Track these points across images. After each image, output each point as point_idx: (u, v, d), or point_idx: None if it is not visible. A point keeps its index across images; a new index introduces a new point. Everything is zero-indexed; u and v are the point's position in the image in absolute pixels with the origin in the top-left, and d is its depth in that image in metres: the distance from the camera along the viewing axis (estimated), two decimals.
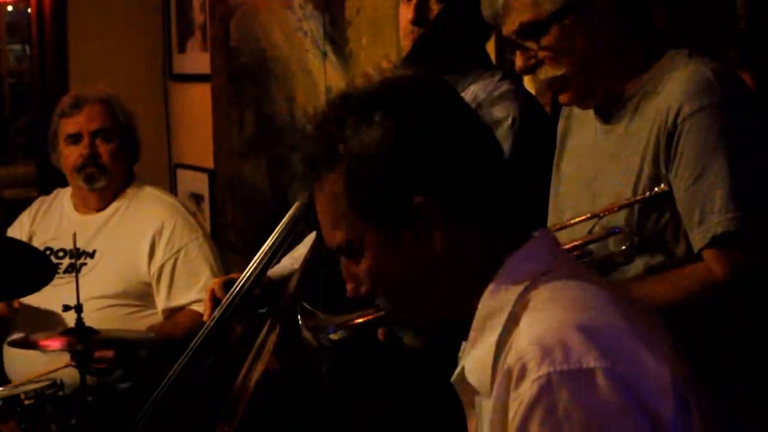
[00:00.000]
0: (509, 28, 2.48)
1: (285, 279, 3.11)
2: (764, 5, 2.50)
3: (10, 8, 6.70)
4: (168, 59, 6.16)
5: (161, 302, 4.15)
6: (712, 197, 2.31)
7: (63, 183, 4.41)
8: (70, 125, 4.25)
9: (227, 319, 2.99)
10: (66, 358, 3.74)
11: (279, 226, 3.01)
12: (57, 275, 3.94)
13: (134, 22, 6.14)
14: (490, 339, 1.73)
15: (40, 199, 4.54)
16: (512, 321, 1.71)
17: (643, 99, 2.44)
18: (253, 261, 3.01)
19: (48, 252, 4.17)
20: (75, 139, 4.22)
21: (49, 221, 4.39)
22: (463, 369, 1.80)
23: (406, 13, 3.04)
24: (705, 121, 2.32)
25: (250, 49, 5.30)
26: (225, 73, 5.53)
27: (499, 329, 1.72)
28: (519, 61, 2.50)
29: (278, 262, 3.11)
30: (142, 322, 4.12)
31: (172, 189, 6.00)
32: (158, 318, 4.14)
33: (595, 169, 2.54)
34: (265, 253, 3.00)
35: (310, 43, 4.79)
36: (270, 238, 3.01)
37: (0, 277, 3.81)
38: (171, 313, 4.13)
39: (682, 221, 2.38)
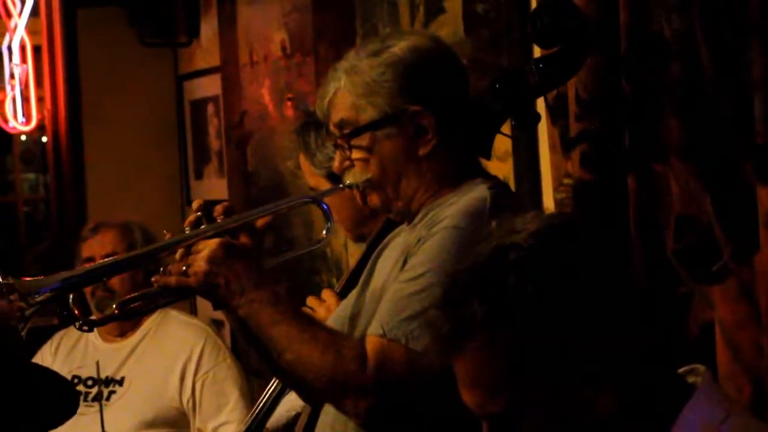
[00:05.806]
0: (331, 125, 2.50)
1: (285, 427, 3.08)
2: None
3: (23, 137, 6.73)
4: (185, 186, 6.19)
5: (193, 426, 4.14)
6: (411, 301, 2.27)
7: None
8: (86, 249, 4.27)
9: None
10: None
11: None
12: (85, 404, 3.91)
13: (151, 149, 6.18)
14: None
15: (60, 333, 4.51)
16: None
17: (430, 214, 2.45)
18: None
19: (76, 380, 4.14)
20: (88, 262, 4.21)
21: (74, 352, 4.36)
22: None
23: None
24: (448, 235, 2.31)
25: (268, 173, 5.33)
26: (243, 198, 5.54)
27: None
28: (335, 161, 2.55)
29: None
30: None
31: (192, 315, 5.98)
32: None
33: None
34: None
35: None
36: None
37: (22, 409, 3.77)
38: None
39: None
